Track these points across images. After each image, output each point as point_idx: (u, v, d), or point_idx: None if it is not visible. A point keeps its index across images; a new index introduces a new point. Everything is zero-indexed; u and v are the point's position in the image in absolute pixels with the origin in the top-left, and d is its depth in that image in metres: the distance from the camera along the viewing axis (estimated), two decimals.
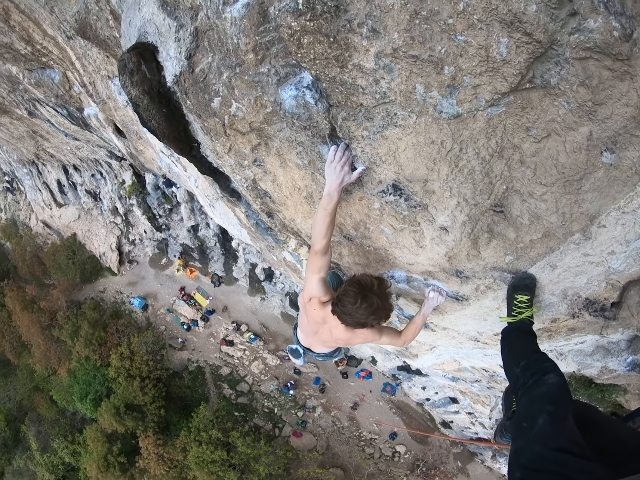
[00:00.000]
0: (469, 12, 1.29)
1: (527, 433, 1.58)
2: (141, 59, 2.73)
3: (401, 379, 15.50)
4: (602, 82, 1.43)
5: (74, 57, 6.48)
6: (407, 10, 1.36)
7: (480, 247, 2.34)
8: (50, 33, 5.82)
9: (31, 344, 22.05)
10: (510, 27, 1.30)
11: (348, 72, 1.61)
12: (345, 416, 17.83)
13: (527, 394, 1.84)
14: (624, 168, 1.67)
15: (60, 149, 15.77)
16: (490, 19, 1.30)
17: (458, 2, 1.29)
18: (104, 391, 19.26)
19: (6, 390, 23.52)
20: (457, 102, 1.53)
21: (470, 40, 1.34)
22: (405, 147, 1.84)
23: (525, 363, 2.03)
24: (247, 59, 1.96)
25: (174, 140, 2.93)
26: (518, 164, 1.76)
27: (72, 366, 20.46)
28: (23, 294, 22.71)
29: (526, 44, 1.33)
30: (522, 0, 1.25)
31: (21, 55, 7.09)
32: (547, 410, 1.59)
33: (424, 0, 1.33)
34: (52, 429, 20.72)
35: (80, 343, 19.41)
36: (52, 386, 21.26)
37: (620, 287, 2.37)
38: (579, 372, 3.42)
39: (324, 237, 2.21)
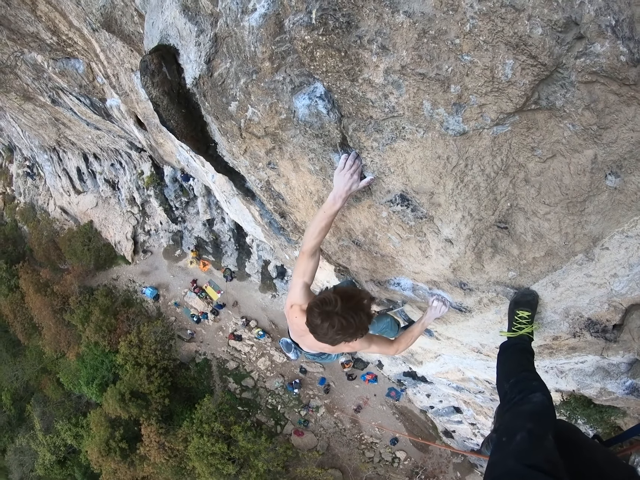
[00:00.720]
0: (476, 34, 1.33)
1: (505, 448, 1.60)
2: (162, 61, 2.82)
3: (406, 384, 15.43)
4: (608, 107, 1.43)
5: (98, 49, 6.60)
6: (416, 29, 1.40)
7: (484, 261, 2.36)
8: (76, 24, 5.93)
9: (42, 326, 22.59)
10: (516, 49, 1.32)
11: (358, 86, 1.66)
12: (347, 418, 17.84)
13: (511, 410, 1.87)
14: (629, 192, 1.67)
15: (82, 138, 16.03)
16: (496, 41, 1.32)
17: (465, 23, 1.33)
18: (110, 377, 19.64)
19: (14, 369, 24.17)
20: (463, 120, 1.56)
21: (476, 61, 1.38)
22: (413, 160, 1.88)
23: (514, 380, 2.06)
24: (264, 67, 2.03)
25: (192, 139, 3.02)
26: (523, 183, 1.78)
27: (81, 350, 20.94)
28: (37, 277, 23.27)
29: (531, 67, 1.35)
30: (527, 24, 1.27)
31: (47, 44, 7.19)
32: (527, 428, 1.61)
33: (432, 20, 1.37)
34: (57, 411, 21.25)
35: (90, 328, 19.84)
36: (60, 369, 21.79)
37: (622, 310, 2.35)
38: (578, 392, 3.40)
39: (315, 237, 2.23)
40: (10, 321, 24.28)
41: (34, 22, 6.32)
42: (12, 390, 23.77)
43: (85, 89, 9.34)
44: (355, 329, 2.01)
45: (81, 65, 8.28)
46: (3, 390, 23.79)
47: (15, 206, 28.72)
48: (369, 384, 18.00)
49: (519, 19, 1.26)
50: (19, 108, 13.82)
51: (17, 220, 28.09)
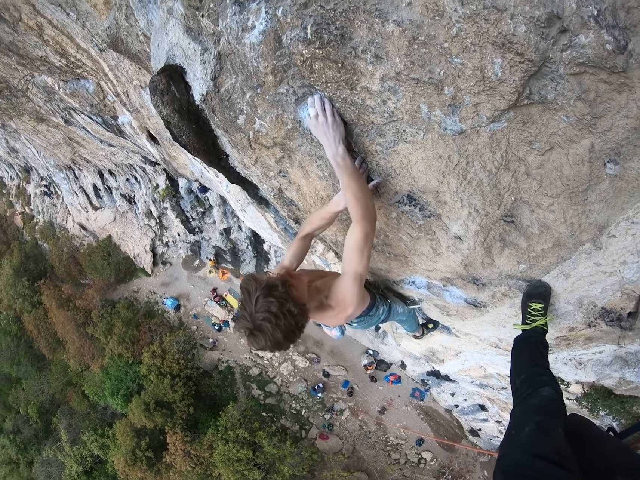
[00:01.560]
0: (462, 36, 1.38)
1: (514, 440, 1.64)
2: (170, 81, 2.94)
3: (430, 384, 15.31)
4: (599, 96, 1.46)
5: (107, 69, 6.67)
6: (406, 37, 1.46)
7: (494, 256, 2.39)
8: (83, 46, 5.99)
9: (66, 340, 23.30)
10: (502, 48, 1.37)
11: (357, 94, 1.73)
12: (372, 420, 17.77)
13: (521, 404, 1.91)
14: (630, 179, 1.69)
15: (96, 155, 16.33)
16: (482, 42, 1.38)
17: (451, 27, 1.38)
18: (134, 387, 20.11)
19: (40, 383, 24.90)
20: (460, 120, 1.61)
21: (466, 62, 1.43)
22: (416, 161, 1.94)
23: (525, 375, 2.10)
24: (267, 81, 2.12)
25: (204, 153, 3.13)
26: (524, 176, 1.81)
27: (105, 362, 21.53)
28: (59, 293, 24.03)
29: (519, 64, 1.39)
30: (511, 22, 1.32)
31: (56, 67, 7.33)
32: (535, 420, 1.65)
33: (421, 27, 1.43)
34: (83, 422, 21.86)
35: (113, 341, 20.39)
36: (85, 381, 22.43)
37: (636, 297, 2.34)
38: (598, 383, 3.36)
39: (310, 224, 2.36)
40: (35, 336, 25.13)
41: (41, 46, 6.43)
42: (38, 403, 24.50)
43: (97, 108, 9.48)
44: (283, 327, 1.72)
45: (91, 85, 8.41)
46: (29, 403, 24.53)
47: (35, 225, 29.78)
48: (393, 385, 17.92)
49: (502, 19, 1.31)
50: (33, 130, 14.14)
51: (37, 238, 29.08)
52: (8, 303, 26.59)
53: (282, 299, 1.70)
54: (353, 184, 1.86)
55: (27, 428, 24.88)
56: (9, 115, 12.63)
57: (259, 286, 1.72)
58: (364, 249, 1.98)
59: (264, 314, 1.67)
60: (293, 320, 1.70)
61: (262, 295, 1.69)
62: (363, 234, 1.95)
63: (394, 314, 3.37)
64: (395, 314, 3.40)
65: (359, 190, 1.87)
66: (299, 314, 1.74)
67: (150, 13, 3.27)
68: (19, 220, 31.48)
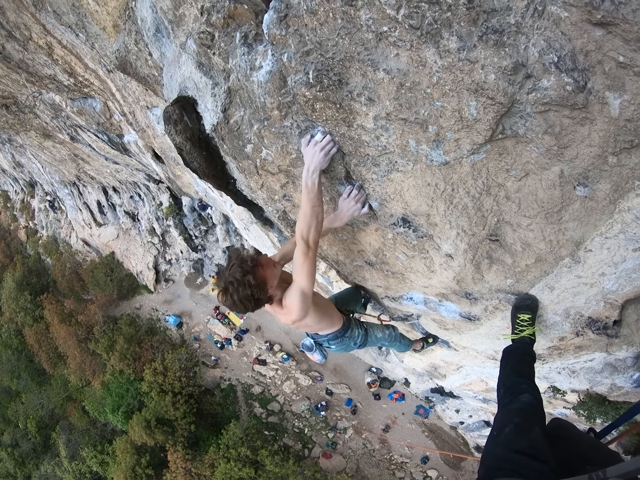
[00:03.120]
0: (442, 84, 1.61)
1: (495, 439, 1.82)
2: (183, 111, 3.17)
3: (434, 401, 15.21)
4: (564, 129, 1.66)
5: (114, 89, 6.75)
6: (394, 83, 1.70)
7: (483, 272, 2.58)
8: (92, 66, 6.05)
9: (67, 355, 23.15)
10: (476, 93, 1.59)
11: (354, 130, 1.96)
12: (376, 438, 17.58)
13: (502, 409, 2.11)
14: (599, 199, 1.88)
15: (101, 172, 16.43)
16: (459, 88, 1.60)
17: (432, 76, 1.61)
18: (136, 404, 19.90)
19: (40, 397, 24.63)
20: (444, 152, 1.84)
21: (446, 105, 1.66)
22: (408, 188, 2.16)
23: (507, 384, 2.31)
24: (273, 115, 2.35)
25: (213, 177, 3.35)
26: (504, 200, 2.03)
27: (106, 379, 21.34)
28: (61, 308, 24.00)
29: (491, 105, 1.62)
30: (482, 72, 1.54)
31: (64, 86, 7.37)
32: (514, 422, 1.84)
33: (407, 75, 1.66)
34: (82, 438, 21.53)
35: (115, 357, 20.27)
36: (85, 397, 22.18)
37: (618, 306, 2.52)
38: (592, 390, 3.50)
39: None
40: (36, 350, 24.94)
41: (51, 65, 6.50)
42: (37, 417, 24.18)
43: (103, 126, 9.52)
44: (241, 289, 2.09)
45: (98, 104, 8.46)
46: (28, 417, 24.22)
47: (38, 239, 29.72)
48: (397, 402, 17.78)
49: (475, 69, 1.55)
50: (39, 145, 14.22)
51: (40, 252, 29.03)
52: (10, 316, 26.55)
53: (246, 271, 2.10)
54: (308, 206, 2.14)
55: (26, 442, 24.50)
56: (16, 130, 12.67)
57: (237, 257, 2.16)
58: (303, 265, 2.24)
59: (230, 278, 2.11)
60: (249, 290, 2.10)
61: (235, 264, 2.12)
62: (300, 250, 2.22)
63: (373, 339, 3.55)
64: (374, 339, 3.57)
65: (310, 212, 2.15)
66: (256, 288, 2.12)
67: (164, 46, 3.50)
68: (23, 234, 31.54)
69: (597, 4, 1.36)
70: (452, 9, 1.48)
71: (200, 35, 2.50)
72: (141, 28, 3.61)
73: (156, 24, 3.24)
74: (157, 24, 3.23)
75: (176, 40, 3.23)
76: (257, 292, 2.14)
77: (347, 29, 1.73)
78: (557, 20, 1.45)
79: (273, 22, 2.00)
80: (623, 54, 1.43)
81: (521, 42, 1.51)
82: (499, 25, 1.48)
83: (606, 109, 1.58)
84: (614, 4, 1.34)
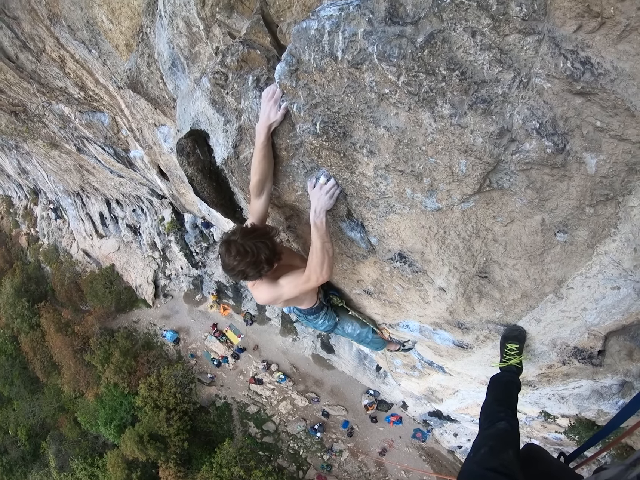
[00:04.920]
0: (435, 143, 1.82)
1: (471, 460, 2.01)
2: (195, 144, 3.36)
3: (432, 424, 15.11)
4: (544, 184, 1.85)
5: (123, 105, 6.81)
6: (393, 139, 1.91)
7: (474, 304, 2.75)
8: (102, 82, 6.13)
9: (61, 365, 22.87)
10: (466, 153, 1.80)
11: (356, 176, 2.17)
12: (372, 462, 17.36)
13: (480, 434, 2.30)
14: (578, 243, 2.06)
15: (105, 184, 16.47)
16: (450, 148, 1.81)
17: (427, 136, 1.83)
18: (129, 418, 19.67)
19: (32, 406, 24.21)
20: (437, 200, 2.04)
21: (439, 162, 1.87)
22: (404, 228, 2.36)
23: (488, 412, 2.50)
24: (281, 155, 2.55)
25: (222, 206, 3.55)
26: (492, 242, 2.22)
27: (100, 391, 21.06)
28: (58, 317, 23.85)
29: (479, 164, 1.82)
30: (471, 136, 1.75)
31: (74, 98, 7.43)
32: (489, 445, 2.04)
33: (405, 132, 1.88)
34: (73, 450, 21.11)
35: (110, 370, 20.09)
36: (78, 408, 21.84)
37: (602, 337, 2.69)
38: (581, 415, 3.63)
39: (253, 175, 2.53)
40: (30, 358, 24.65)
41: (62, 78, 6.58)
42: (28, 426, 23.75)
43: (110, 140, 9.54)
44: (254, 257, 2.28)
45: (106, 118, 8.47)
46: (19, 425, 23.78)
47: (39, 247, 29.67)
48: (394, 425, 17.63)
49: (465, 133, 1.76)
50: (46, 154, 14.26)
51: (40, 260, 28.94)
52: (6, 322, 26.27)
53: (269, 235, 2.42)
54: (319, 243, 2.36)
55: (15, 449, 23.98)
56: (23, 138, 12.70)
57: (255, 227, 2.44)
58: (297, 287, 2.53)
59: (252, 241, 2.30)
60: (264, 254, 2.32)
61: (258, 230, 2.41)
62: (306, 278, 2.47)
63: (340, 331, 3.69)
64: (341, 332, 3.71)
65: (321, 248, 2.37)
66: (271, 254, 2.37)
67: (179, 79, 3.66)
68: (24, 241, 31.45)
69: (578, 76, 1.52)
70: (446, 80, 1.69)
71: (215, 75, 2.66)
72: (158, 60, 3.77)
73: (172, 58, 3.39)
74: (173, 58, 3.39)
75: (191, 76, 3.41)
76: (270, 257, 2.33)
77: (353, 88, 1.93)
78: (540, 91, 1.63)
79: (285, 74, 2.16)
80: (600, 119, 1.59)
81: (507, 110, 1.70)
82: (487, 95, 1.68)
83: (583, 167, 1.75)
84: (594, 75, 1.50)
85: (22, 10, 5.02)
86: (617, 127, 1.56)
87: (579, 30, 1.44)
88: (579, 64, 1.49)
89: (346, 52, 1.80)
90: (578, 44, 1.47)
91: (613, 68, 1.44)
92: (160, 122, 6.56)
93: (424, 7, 1.57)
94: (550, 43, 1.50)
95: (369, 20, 1.70)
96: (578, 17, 1.41)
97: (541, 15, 1.46)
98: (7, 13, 5.23)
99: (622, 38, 1.38)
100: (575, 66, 1.50)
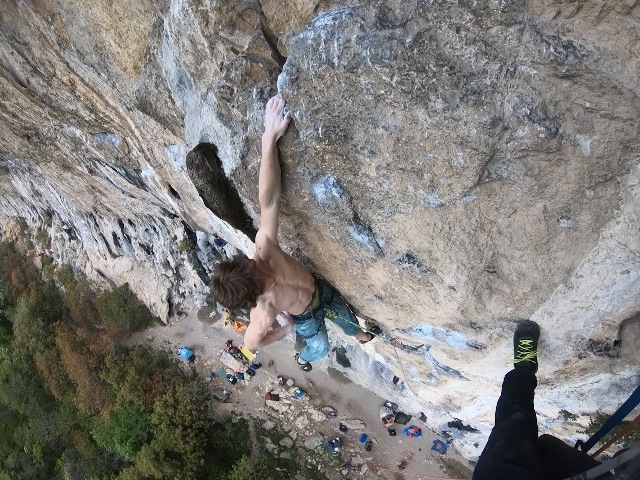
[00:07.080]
0: (432, 138, 1.87)
1: (488, 452, 1.99)
2: (205, 157, 3.46)
3: (452, 435, 14.79)
4: (542, 170, 1.87)
5: (133, 126, 6.96)
6: (392, 138, 1.97)
7: (485, 301, 2.75)
8: (112, 104, 6.27)
9: (77, 383, 22.99)
10: (462, 145, 1.85)
11: (359, 178, 2.23)
12: (392, 475, 16.95)
13: (496, 427, 2.28)
14: (582, 229, 2.05)
15: (117, 204, 16.75)
16: (447, 142, 1.86)
17: (424, 132, 1.88)
18: (144, 436, 19.53)
19: (47, 423, 24.26)
20: (439, 196, 2.08)
21: (437, 156, 1.92)
22: (410, 227, 2.40)
23: (503, 406, 2.49)
24: (287, 162, 2.63)
25: (232, 217, 3.63)
26: (497, 234, 2.24)
27: (115, 409, 21.03)
28: (73, 336, 24.00)
29: (476, 155, 1.87)
30: (465, 127, 1.80)
31: (85, 121, 7.60)
32: (505, 437, 2.03)
33: (402, 131, 1.94)
34: (88, 467, 20.98)
35: (125, 387, 20.09)
36: (93, 426, 21.80)
37: (617, 327, 2.64)
38: (601, 412, 3.55)
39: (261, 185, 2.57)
40: (45, 377, 24.79)
41: (73, 101, 6.73)
42: (43, 443, 23.75)
43: (121, 161, 9.76)
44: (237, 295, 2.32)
45: (117, 139, 8.64)
46: (34, 442, 23.80)
47: (53, 267, 30.03)
48: (413, 438, 17.25)
49: (459, 126, 1.81)
50: (58, 176, 14.55)
51: (55, 280, 29.26)
52: (21, 341, 26.53)
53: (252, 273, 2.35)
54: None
55: (30, 467, 23.91)
56: (36, 160, 12.94)
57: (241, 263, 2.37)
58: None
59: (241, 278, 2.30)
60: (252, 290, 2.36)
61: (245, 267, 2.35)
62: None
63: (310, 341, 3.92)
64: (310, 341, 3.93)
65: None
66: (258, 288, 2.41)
67: (186, 96, 3.76)
68: (38, 261, 31.92)
69: (562, 59, 1.57)
70: (436, 75, 1.75)
71: (221, 90, 2.76)
72: (165, 79, 3.86)
73: (179, 76, 3.50)
74: (180, 76, 3.50)
75: (198, 91, 3.53)
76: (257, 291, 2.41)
77: (350, 92, 2.01)
78: (527, 78, 1.67)
79: (286, 83, 2.25)
80: (589, 100, 1.62)
81: (497, 100, 1.75)
82: (477, 86, 1.73)
83: (578, 149, 1.77)
84: (577, 57, 1.54)
85: (32, 36, 5.17)
86: (606, 106, 1.59)
87: (559, 16, 1.50)
88: (561, 48, 1.54)
89: (342, 57, 1.88)
90: (559, 29, 1.52)
91: (595, 49, 1.49)
92: (170, 141, 6.73)
93: (410, 10, 1.65)
94: (531, 31, 1.55)
95: (361, 26, 1.79)
96: (556, 3, 1.47)
97: (520, 5, 1.52)
98: (17, 39, 5.39)
99: (601, 19, 1.43)
100: (558, 50, 1.54)
